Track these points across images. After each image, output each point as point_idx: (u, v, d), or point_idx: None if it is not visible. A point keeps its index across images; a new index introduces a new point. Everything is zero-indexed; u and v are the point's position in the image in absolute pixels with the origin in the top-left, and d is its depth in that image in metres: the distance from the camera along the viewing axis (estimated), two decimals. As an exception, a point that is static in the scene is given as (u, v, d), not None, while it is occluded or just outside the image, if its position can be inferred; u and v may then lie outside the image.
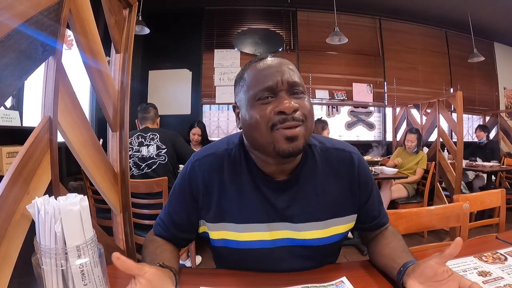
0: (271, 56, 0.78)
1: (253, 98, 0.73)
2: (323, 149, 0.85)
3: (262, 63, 0.76)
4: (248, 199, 0.80)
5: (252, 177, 0.81)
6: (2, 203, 0.63)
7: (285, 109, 0.69)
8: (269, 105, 0.71)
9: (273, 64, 0.75)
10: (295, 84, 0.73)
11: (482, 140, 4.37)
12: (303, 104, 0.72)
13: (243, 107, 0.76)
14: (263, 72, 0.74)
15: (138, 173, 2.39)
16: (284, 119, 0.69)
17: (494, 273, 0.77)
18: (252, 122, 0.72)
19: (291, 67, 0.75)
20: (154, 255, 0.79)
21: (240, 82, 0.79)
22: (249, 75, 0.77)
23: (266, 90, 0.72)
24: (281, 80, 0.72)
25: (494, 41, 5.76)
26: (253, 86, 0.74)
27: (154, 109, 2.69)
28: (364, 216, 0.88)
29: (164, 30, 4.70)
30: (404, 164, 3.66)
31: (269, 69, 0.74)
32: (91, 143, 1.00)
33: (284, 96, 0.71)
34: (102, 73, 1.08)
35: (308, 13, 5.01)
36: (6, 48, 0.63)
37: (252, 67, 0.77)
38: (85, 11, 0.94)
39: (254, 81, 0.74)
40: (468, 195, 1.39)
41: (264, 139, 0.71)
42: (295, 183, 0.81)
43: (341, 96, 4.92)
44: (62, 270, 0.56)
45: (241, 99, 0.77)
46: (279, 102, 0.70)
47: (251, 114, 0.72)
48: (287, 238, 0.81)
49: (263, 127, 0.71)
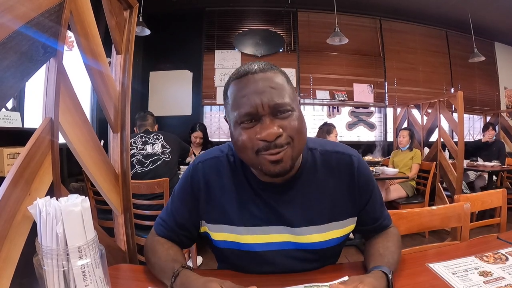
0: (253, 69, 0.71)
1: (236, 121, 0.71)
2: (323, 152, 0.85)
3: (241, 82, 0.71)
4: (249, 203, 0.81)
5: (251, 183, 0.81)
6: (3, 204, 0.64)
7: (266, 138, 0.67)
8: (253, 129, 0.69)
9: (252, 83, 0.69)
10: (278, 106, 0.68)
11: (493, 138, 4.36)
12: (289, 125, 0.69)
13: (231, 124, 0.74)
14: (242, 93, 0.69)
15: (142, 170, 2.43)
16: (267, 146, 0.68)
17: (495, 273, 0.77)
18: (238, 144, 0.71)
19: (274, 84, 0.69)
20: (168, 256, 0.79)
21: (225, 98, 0.76)
22: (231, 94, 0.73)
23: (246, 115, 0.69)
24: (261, 104, 0.67)
25: (494, 40, 5.75)
26: (234, 108, 0.70)
27: (151, 116, 2.80)
28: (365, 219, 0.87)
29: (165, 31, 4.71)
30: (399, 161, 3.68)
31: (247, 90, 0.69)
32: (92, 144, 1.00)
33: (266, 121, 0.68)
34: (103, 74, 1.09)
35: (309, 14, 5.01)
36: (7, 50, 0.63)
37: (233, 85, 0.72)
38: (86, 12, 0.95)
39: (234, 104, 0.71)
40: (469, 195, 1.39)
41: (251, 161, 0.72)
42: (295, 187, 0.81)
43: (342, 96, 4.92)
44: (63, 271, 0.56)
45: (228, 116, 0.75)
46: (261, 128, 0.68)
47: (237, 137, 0.71)
48: (287, 241, 0.81)
49: (249, 150, 0.70)
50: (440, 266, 0.82)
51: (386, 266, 0.73)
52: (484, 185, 3.91)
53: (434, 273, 0.79)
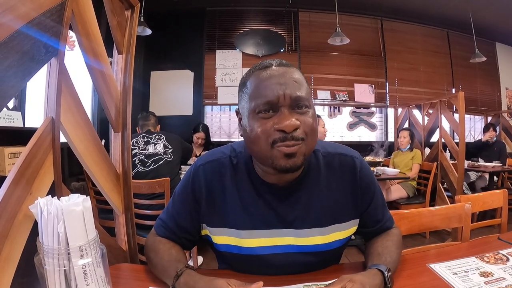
0: (276, 63, 0.74)
1: (253, 110, 0.70)
2: (326, 154, 0.84)
3: (265, 72, 0.72)
4: (251, 206, 0.80)
5: (254, 185, 0.80)
6: (5, 203, 0.64)
7: (284, 128, 0.67)
8: (270, 120, 0.69)
9: (276, 74, 0.70)
10: (299, 99, 0.69)
11: (493, 139, 4.36)
12: (305, 121, 0.69)
13: (245, 116, 0.73)
14: (265, 83, 0.70)
15: (144, 170, 2.44)
16: (284, 137, 0.67)
17: (496, 273, 0.77)
18: (252, 135, 0.70)
19: (296, 78, 0.71)
20: (171, 256, 0.79)
21: (243, 89, 0.75)
22: (251, 83, 0.73)
23: (267, 104, 0.68)
24: (283, 94, 0.68)
25: (496, 41, 5.74)
26: (254, 97, 0.70)
27: (154, 117, 2.82)
28: (367, 221, 0.87)
29: (166, 31, 4.71)
30: (400, 162, 3.68)
31: (271, 80, 0.70)
32: (94, 144, 1.00)
33: (285, 113, 0.68)
34: (105, 74, 1.09)
35: (310, 14, 5.01)
36: (9, 50, 0.64)
37: (255, 75, 0.73)
38: (87, 12, 0.95)
39: (255, 92, 0.71)
40: (470, 196, 1.39)
41: (263, 153, 0.70)
42: (298, 189, 0.80)
43: (343, 96, 4.92)
44: (64, 270, 0.56)
45: (243, 107, 0.74)
46: (279, 119, 0.68)
47: (252, 127, 0.70)
48: (289, 244, 0.81)
49: (262, 142, 0.69)
50: (441, 267, 0.82)
51: (383, 264, 0.73)
52: (485, 186, 3.90)
53: (435, 274, 0.79)
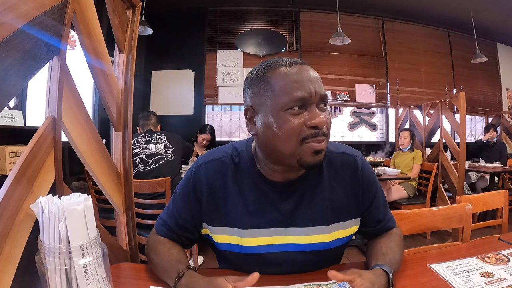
0: (299, 61, 0.74)
1: (280, 107, 0.69)
2: (327, 153, 0.83)
3: (292, 69, 0.71)
4: (253, 205, 0.80)
5: (256, 184, 0.80)
6: (6, 202, 0.64)
7: (318, 124, 0.68)
8: (300, 117, 0.68)
9: (304, 71, 0.71)
10: (325, 97, 0.71)
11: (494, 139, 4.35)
12: (328, 118, 0.72)
13: (265, 114, 0.71)
14: (294, 79, 0.69)
15: (145, 169, 2.44)
16: (315, 133, 0.68)
17: (496, 274, 0.77)
18: (281, 132, 0.69)
19: (318, 76, 0.73)
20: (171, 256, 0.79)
21: (260, 84, 0.73)
22: (277, 80, 0.70)
23: (298, 100, 0.68)
24: (314, 92, 0.68)
25: (497, 41, 5.73)
26: (282, 94, 0.69)
27: (155, 116, 2.84)
28: (368, 220, 0.87)
29: (167, 31, 4.71)
30: (401, 162, 3.68)
31: (300, 76, 0.70)
32: (95, 143, 1.00)
33: (315, 110, 0.69)
34: (106, 73, 1.09)
35: (311, 14, 5.01)
36: (10, 48, 0.64)
37: (280, 72, 0.71)
38: (89, 11, 0.95)
39: (284, 89, 0.69)
40: (471, 196, 1.38)
41: (290, 150, 0.69)
42: (300, 188, 0.81)
43: (344, 96, 4.92)
44: (65, 269, 0.56)
45: (261, 104, 0.72)
46: (311, 116, 0.68)
47: (280, 124, 0.69)
48: (291, 243, 0.81)
49: (293, 139, 0.68)
50: (442, 267, 0.82)
51: (387, 265, 0.73)
52: (485, 186, 3.89)
53: (436, 274, 0.79)
